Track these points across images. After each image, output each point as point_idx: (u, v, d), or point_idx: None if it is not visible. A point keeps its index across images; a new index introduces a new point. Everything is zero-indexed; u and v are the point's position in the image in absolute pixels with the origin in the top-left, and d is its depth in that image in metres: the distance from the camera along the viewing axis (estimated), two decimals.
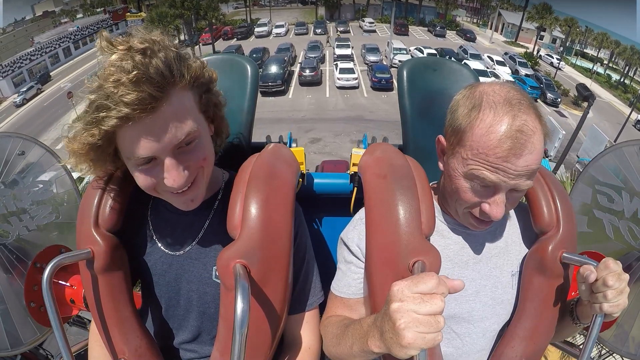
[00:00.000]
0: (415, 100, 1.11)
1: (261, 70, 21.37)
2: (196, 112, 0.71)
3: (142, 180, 0.70)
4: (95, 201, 0.81)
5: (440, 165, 0.82)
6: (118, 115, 0.60)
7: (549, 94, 21.99)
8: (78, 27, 32.72)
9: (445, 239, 0.85)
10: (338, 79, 21.40)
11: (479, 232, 0.85)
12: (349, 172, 1.16)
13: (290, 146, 1.29)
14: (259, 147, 0.93)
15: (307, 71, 21.95)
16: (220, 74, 0.83)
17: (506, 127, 0.66)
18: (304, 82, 21.88)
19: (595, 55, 32.98)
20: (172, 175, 0.68)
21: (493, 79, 21.54)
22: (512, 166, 0.66)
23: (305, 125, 16.64)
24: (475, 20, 39.87)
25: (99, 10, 34.91)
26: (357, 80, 21.50)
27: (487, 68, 23.50)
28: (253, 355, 0.75)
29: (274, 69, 21.43)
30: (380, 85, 20.87)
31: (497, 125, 0.67)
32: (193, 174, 0.72)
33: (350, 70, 21.95)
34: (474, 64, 23.15)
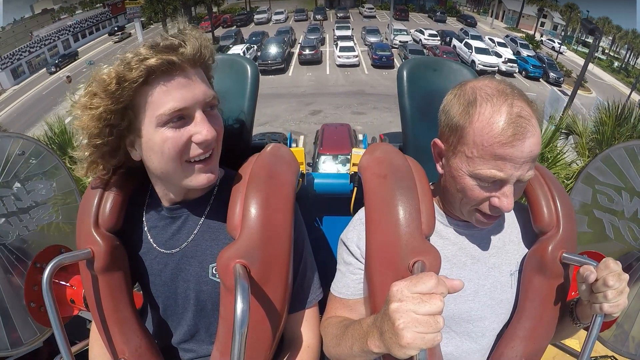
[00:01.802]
0: (415, 100, 1.11)
1: (259, 53, 21.49)
2: None
3: (172, 141, 0.70)
4: (95, 201, 0.81)
5: (439, 168, 0.82)
6: (167, 58, 0.66)
7: (552, 74, 21.61)
8: (77, 20, 32.71)
9: (443, 240, 0.85)
10: (338, 56, 21.23)
11: (477, 232, 0.85)
12: (349, 172, 1.16)
13: (290, 146, 1.29)
14: (259, 147, 0.93)
15: (307, 50, 21.87)
16: (220, 74, 0.83)
17: (506, 115, 0.67)
18: (304, 61, 21.76)
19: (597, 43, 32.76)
20: (205, 127, 0.71)
21: (494, 57, 21.22)
22: (518, 152, 0.67)
23: (305, 99, 16.56)
24: (475, 10, 39.72)
25: (98, 5, 34.90)
26: (357, 58, 21.33)
27: (489, 47, 23.25)
28: (253, 355, 0.75)
29: (273, 48, 21.36)
30: (381, 63, 20.71)
31: (497, 115, 0.68)
32: (215, 140, 0.74)
33: (351, 49, 21.80)
34: (476, 43, 22.94)
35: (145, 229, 0.87)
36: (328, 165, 8.47)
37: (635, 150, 1.09)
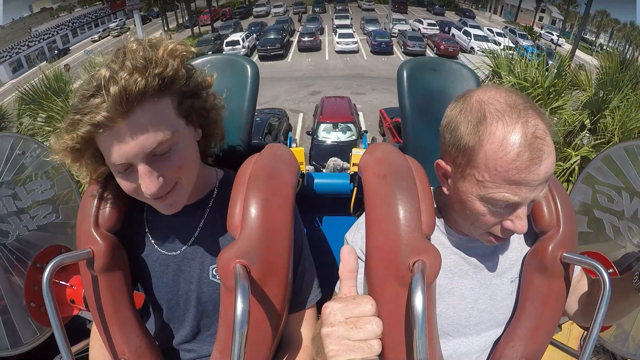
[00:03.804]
0: (415, 100, 1.11)
1: (257, 41, 21.97)
2: (173, 117, 0.70)
3: (123, 185, 0.71)
4: (95, 201, 0.81)
5: (445, 190, 0.77)
6: (91, 121, 0.62)
7: (550, 62, 21.84)
8: (76, 16, 32.84)
9: (446, 248, 0.84)
10: (337, 43, 21.49)
11: (479, 243, 0.82)
12: (349, 172, 1.16)
13: (290, 146, 1.29)
14: (258, 147, 0.93)
15: (306, 37, 22.24)
16: (220, 74, 0.83)
17: (521, 136, 0.62)
18: (303, 48, 22.07)
19: (594, 39, 32.79)
20: (145, 183, 0.68)
21: (493, 45, 21.37)
22: (534, 175, 0.62)
23: (304, 81, 16.73)
24: (473, 7, 39.73)
25: (97, 3, 34.92)
26: (356, 45, 21.54)
27: (488, 36, 23.26)
28: (253, 356, 0.75)
29: (272, 34, 21.82)
30: (380, 49, 20.93)
31: (511, 136, 0.62)
32: (169, 182, 0.71)
33: (350, 35, 22.09)
34: (474, 31, 23.10)
35: (147, 229, 0.87)
36: (328, 133, 8.50)
37: (635, 150, 1.09)
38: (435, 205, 0.85)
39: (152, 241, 0.86)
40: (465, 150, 0.68)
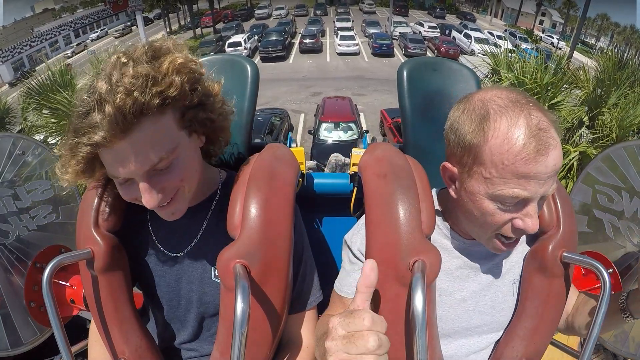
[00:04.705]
0: (415, 100, 1.11)
1: (259, 43, 22.27)
2: (175, 132, 0.68)
3: (123, 194, 0.72)
4: (95, 201, 0.81)
5: (452, 192, 0.76)
6: (89, 142, 0.61)
7: (551, 65, 22.12)
8: (79, 17, 33.02)
9: (449, 252, 0.84)
10: (339, 45, 21.76)
11: (483, 246, 0.81)
12: (349, 172, 1.16)
13: (290, 146, 1.29)
14: (258, 147, 0.93)
15: (308, 39, 22.49)
16: (220, 74, 0.82)
17: (525, 128, 0.61)
18: (305, 50, 22.32)
19: (595, 43, 32.96)
20: (145, 198, 0.68)
21: (494, 48, 21.68)
22: (542, 167, 0.62)
23: (306, 83, 16.95)
24: (475, 10, 39.92)
25: (99, 4, 35.02)
26: (357, 47, 21.82)
27: (489, 38, 23.40)
28: (253, 355, 0.75)
29: (274, 35, 22.14)
30: (382, 51, 21.16)
31: (515, 129, 0.62)
32: (170, 194, 0.71)
33: (351, 37, 22.37)
34: (475, 34, 23.31)
35: (150, 229, 0.87)
36: (329, 132, 8.66)
37: (635, 150, 1.09)
38: (439, 208, 0.86)
39: (156, 241, 0.86)
40: (470, 148, 0.67)
